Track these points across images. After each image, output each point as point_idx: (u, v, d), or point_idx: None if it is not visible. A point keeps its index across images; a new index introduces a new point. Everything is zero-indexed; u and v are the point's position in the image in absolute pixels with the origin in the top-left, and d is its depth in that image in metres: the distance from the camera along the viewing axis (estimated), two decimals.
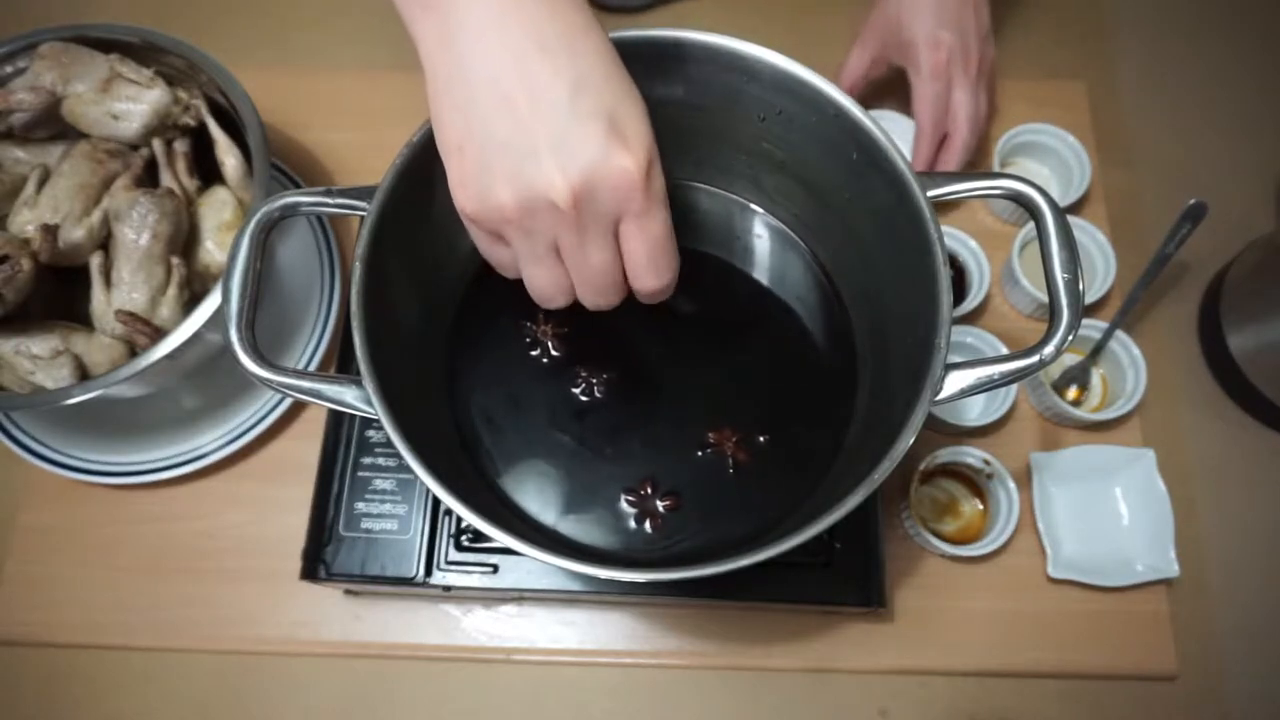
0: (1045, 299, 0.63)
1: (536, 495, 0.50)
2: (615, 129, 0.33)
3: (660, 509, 0.50)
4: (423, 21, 0.34)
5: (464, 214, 0.37)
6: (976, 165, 0.71)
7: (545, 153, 0.32)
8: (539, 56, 0.32)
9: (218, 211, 0.59)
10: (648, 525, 0.49)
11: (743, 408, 0.52)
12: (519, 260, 0.38)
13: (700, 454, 0.51)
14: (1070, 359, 0.66)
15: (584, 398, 0.51)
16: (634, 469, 0.51)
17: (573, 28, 0.32)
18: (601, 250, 0.36)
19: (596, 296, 0.39)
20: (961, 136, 0.65)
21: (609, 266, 0.37)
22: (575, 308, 0.41)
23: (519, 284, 0.41)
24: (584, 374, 0.52)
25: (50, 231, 0.53)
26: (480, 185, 0.34)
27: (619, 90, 0.33)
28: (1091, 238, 0.67)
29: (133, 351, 0.56)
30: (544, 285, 0.39)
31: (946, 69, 0.63)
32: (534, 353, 0.53)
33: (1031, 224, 0.48)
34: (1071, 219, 0.68)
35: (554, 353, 0.53)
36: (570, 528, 0.49)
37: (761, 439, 0.51)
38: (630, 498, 0.50)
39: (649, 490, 0.50)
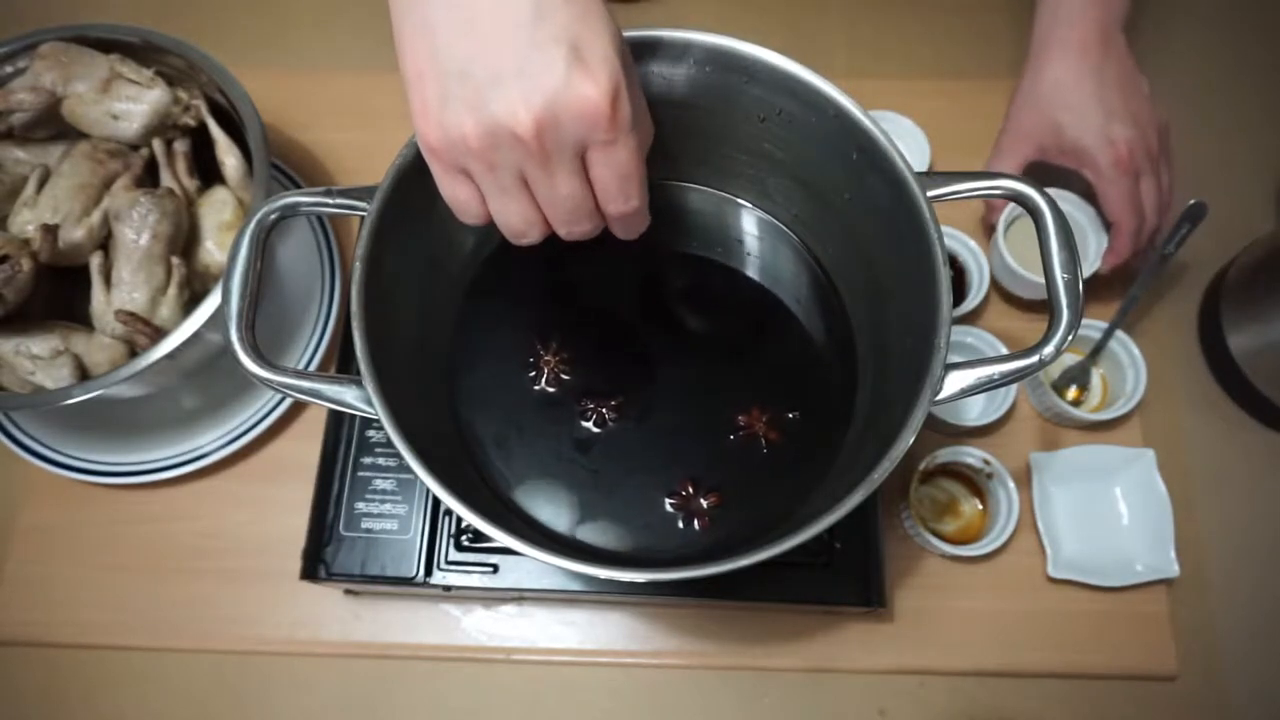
0: (1034, 278, 0.63)
1: (570, 518, 0.50)
2: (578, 55, 0.32)
3: (705, 506, 0.50)
4: None
5: (425, 146, 0.35)
6: (976, 165, 0.71)
7: (508, 80, 0.31)
8: None
9: (218, 211, 0.59)
10: (696, 524, 0.50)
11: (753, 401, 0.53)
12: (486, 195, 0.36)
13: (733, 438, 0.51)
14: (1070, 359, 0.66)
15: (596, 429, 0.51)
16: (669, 473, 0.51)
17: None
18: (569, 179, 0.35)
19: (569, 226, 0.37)
20: (1151, 224, 0.62)
21: (578, 196, 0.36)
22: (574, 336, 0.40)
23: (519, 292, 0.40)
24: (591, 405, 0.52)
25: (50, 231, 0.53)
26: (442, 114, 0.33)
27: (583, 12, 0.32)
28: (1081, 210, 0.67)
29: (133, 351, 0.56)
30: (514, 220, 0.37)
31: (1131, 164, 0.59)
32: (533, 378, 0.53)
33: (1013, 206, 0.48)
34: (1056, 192, 0.68)
35: (558, 384, 0.53)
36: (617, 541, 0.49)
37: (791, 415, 0.52)
38: (673, 501, 0.50)
39: (690, 490, 0.50)
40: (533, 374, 0.53)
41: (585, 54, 0.32)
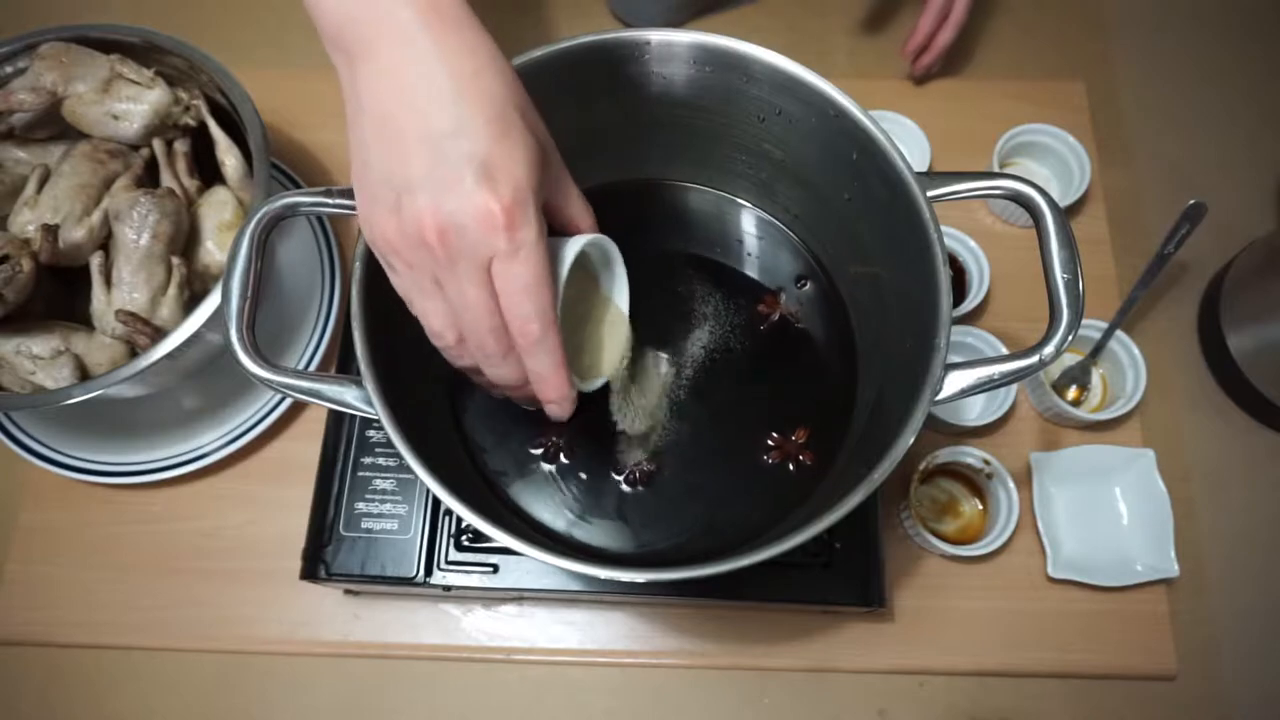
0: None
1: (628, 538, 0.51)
2: (487, 172, 0.34)
3: (803, 442, 0.52)
4: (336, 60, 0.38)
5: (368, 241, 0.39)
6: (976, 165, 0.71)
7: (419, 189, 0.35)
8: (426, 103, 0.34)
9: (218, 211, 0.59)
10: (804, 459, 0.51)
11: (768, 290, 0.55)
12: (410, 290, 0.39)
13: (762, 328, 0.54)
14: (1070, 359, 0.66)
15: (641, 486, 0.52)
16: (748, 439, 0.52)
17: (461, 76, 0.34)
18: (473, 288, 0.37)
19: (481, 343, 0.38)
20: (959, 13, 0.70)
21: (482, 306, 0.37)
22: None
23: None
24: (622, 466, 0.52)
25: (51, 232, 0.54)
26: (371, 216, 0.37)
27: (499, 134, 0.35)
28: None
29: (133, 351, 0.56)
30: (432, 319, 0.39)
31: None
32: (551, 466, 0.53)
33: None
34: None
35: (570, 466, 0.53)
36: (720, 518, 0.51)
37: (800, 282, 0.55)
38: (770, 457, 0.52)
39: (777, 436, 0.52)
40: (551, 466, 0.53)
41: (494, 171, 0.35)
